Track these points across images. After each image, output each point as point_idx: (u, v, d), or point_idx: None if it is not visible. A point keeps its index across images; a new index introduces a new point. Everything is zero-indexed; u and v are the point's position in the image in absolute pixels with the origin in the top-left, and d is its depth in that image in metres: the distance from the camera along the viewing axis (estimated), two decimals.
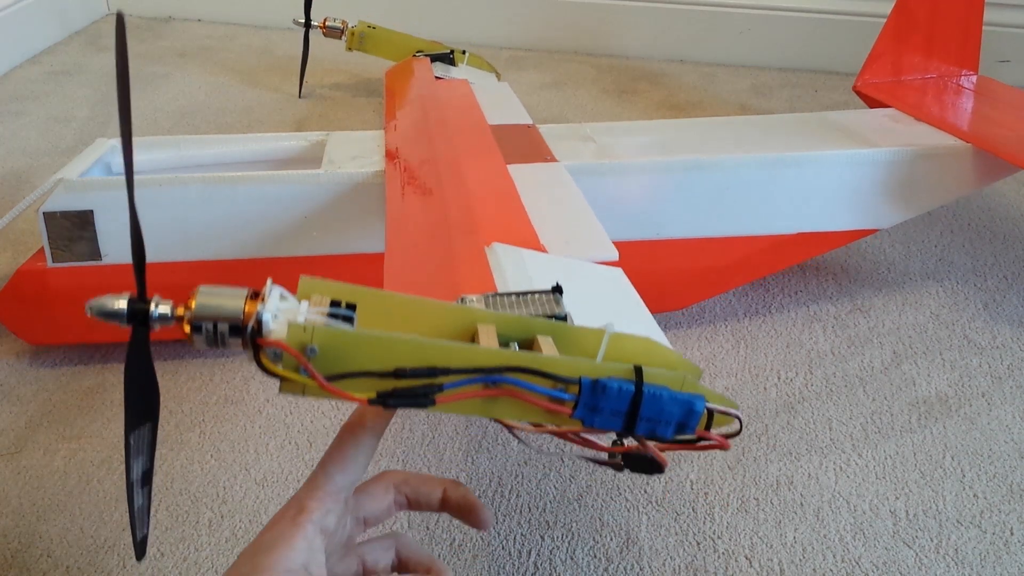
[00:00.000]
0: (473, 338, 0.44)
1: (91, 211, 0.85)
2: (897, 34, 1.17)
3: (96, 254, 0.87)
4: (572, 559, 0.70)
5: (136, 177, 0.42)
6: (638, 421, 0.41)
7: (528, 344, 0.45)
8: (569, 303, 0.50)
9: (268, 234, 0.89)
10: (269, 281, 0.41)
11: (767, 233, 0.96)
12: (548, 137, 0.97)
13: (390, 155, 0.91)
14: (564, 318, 0.47)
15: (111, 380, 0.90)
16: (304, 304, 0.41)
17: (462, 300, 0.50)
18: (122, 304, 0.42)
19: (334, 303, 0.41)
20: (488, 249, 0.62)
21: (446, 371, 0.40)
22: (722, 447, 0.43)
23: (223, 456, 0.80)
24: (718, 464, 0.80)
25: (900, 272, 1.10)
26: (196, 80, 1.70)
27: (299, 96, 1.64)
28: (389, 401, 0.40)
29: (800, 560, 0.70)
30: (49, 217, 0.85)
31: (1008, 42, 1.62)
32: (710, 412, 0.43)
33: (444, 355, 0.40)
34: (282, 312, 0.41)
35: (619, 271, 0.62)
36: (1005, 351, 0.95)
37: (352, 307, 0.42)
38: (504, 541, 0.72)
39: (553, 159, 0.89)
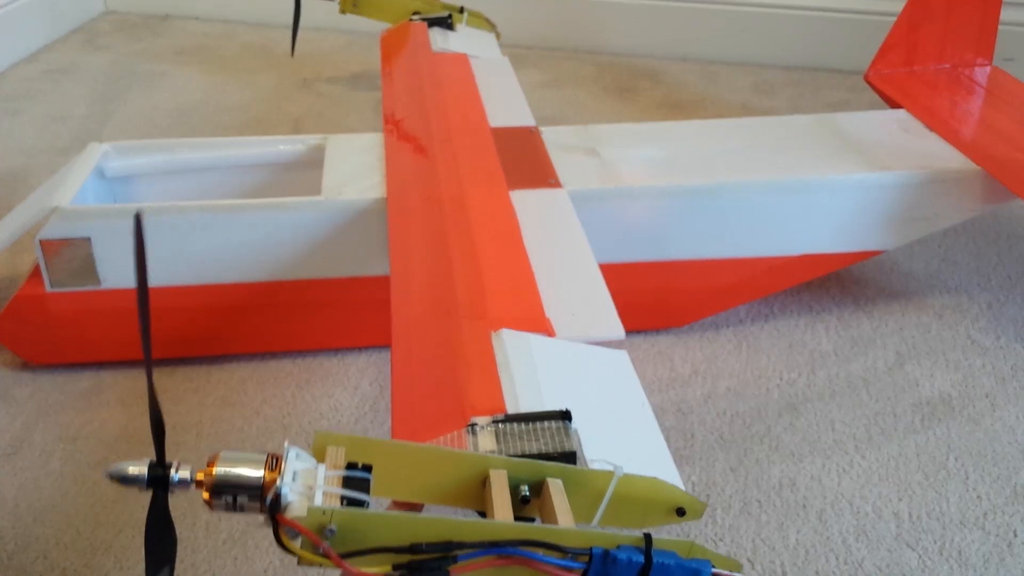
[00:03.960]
0: (485, 482, 0.47)
1: (88, 239, 0.85)
2: (912, 22, 1.15)
3: (94, 279, 0.87)
4: None
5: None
6: None
7: (538, 485, 0.48)
8: (577, 419, 0.52)
9: (269, 259, 0.89)
10: (286, 445, 0.44)
11: (772, 255, 0.96)
12: (550, 146, 0.96)
13: (391, 153, 0.90)
14: (573, 455, 0.50)
15: (107, 381, 0.89)
16: (321, 469, 0.44)
17: (472, 426, 0.53)
18: (142, 470, 0.45)
19: (350, 465, 0.44)
20: (495, 336, 0.62)
21: (460, 544, 0.42)
22: None
23: None
24: (720, 466, 0.79)
25: (903, 273, 1.10)
26: (194, 78, 1.69)
27: (291, 55, 1.59)
28: None
29: (803, 562, 0.70)
30: (46, 245, 0.85)
31: (1014, 40, 1.61)
32: None
33: (457, 530, 0.42)
34: (300, 475, 0.43)
35: (624, 355, 0.64)
36: (1009, 352, 0.95)
37: (368, 468, 0.44)
38: None
39: (557, 184, 0.87)
